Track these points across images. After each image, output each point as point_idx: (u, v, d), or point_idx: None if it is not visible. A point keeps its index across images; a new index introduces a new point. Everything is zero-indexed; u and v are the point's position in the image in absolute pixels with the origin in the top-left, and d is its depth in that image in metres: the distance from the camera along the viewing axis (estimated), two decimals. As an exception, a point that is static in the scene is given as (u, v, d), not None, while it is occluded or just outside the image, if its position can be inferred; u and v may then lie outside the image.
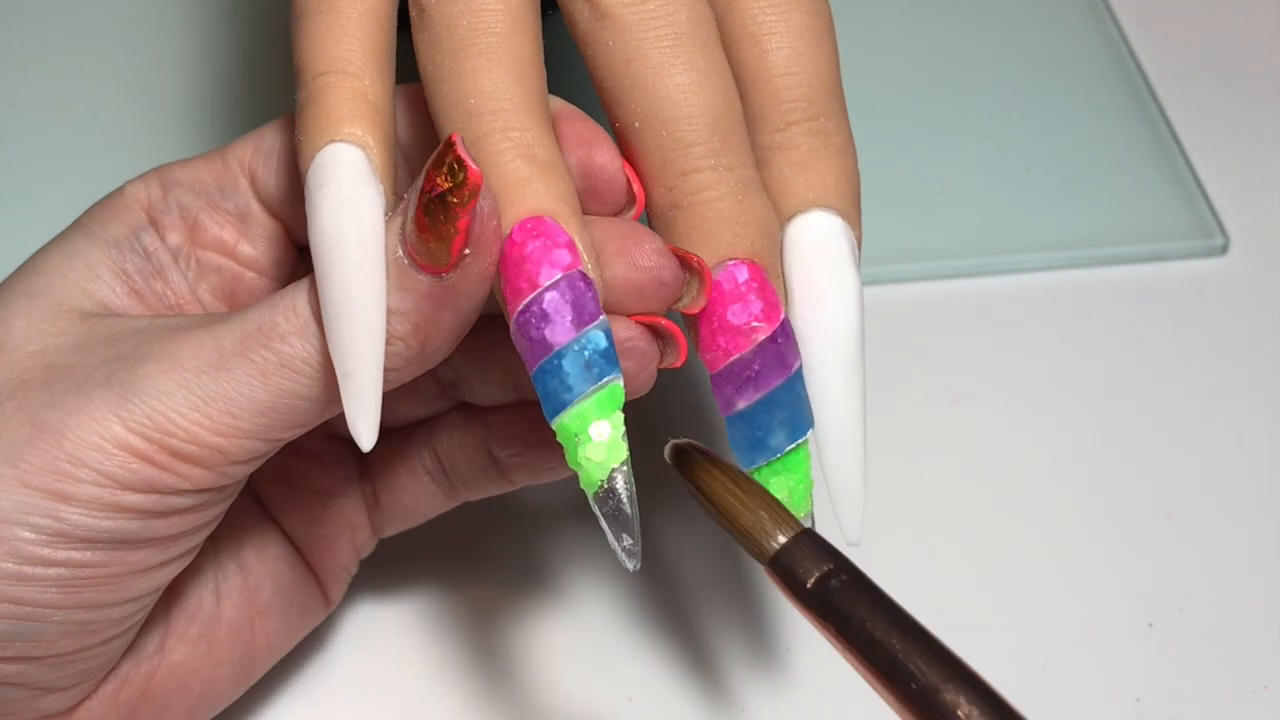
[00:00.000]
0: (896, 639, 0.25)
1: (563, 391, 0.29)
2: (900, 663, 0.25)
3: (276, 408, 0.30)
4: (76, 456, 0.29)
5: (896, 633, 0.26)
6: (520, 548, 0.42)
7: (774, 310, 0.31)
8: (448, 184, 0.28)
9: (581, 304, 0.29)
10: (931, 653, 0.25)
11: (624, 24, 0.31)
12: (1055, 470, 0.45)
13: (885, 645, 0.25)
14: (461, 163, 0.28)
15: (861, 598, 0.26)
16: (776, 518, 0.28)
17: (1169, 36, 0.57)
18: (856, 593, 0.26)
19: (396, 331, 0.30)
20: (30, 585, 0.29)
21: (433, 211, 0.28)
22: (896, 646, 0.25)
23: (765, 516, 0.28)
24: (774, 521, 0.28)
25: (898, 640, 0.25)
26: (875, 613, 0.26)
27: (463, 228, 0.28)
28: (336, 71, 0.30)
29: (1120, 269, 0.50)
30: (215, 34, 0.54)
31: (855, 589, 0.26)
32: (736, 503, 0.29)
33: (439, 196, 0.28)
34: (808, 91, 0.32)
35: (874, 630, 0.26)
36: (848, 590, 0.26)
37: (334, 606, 0.38)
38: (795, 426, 0.32)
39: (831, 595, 0.26)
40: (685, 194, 0.31)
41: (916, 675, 0.25)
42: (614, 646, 0.40)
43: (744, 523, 0.28)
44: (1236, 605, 0.42)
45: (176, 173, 0.35)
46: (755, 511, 0.28)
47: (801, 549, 0.27)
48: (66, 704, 0.32)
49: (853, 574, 0.27)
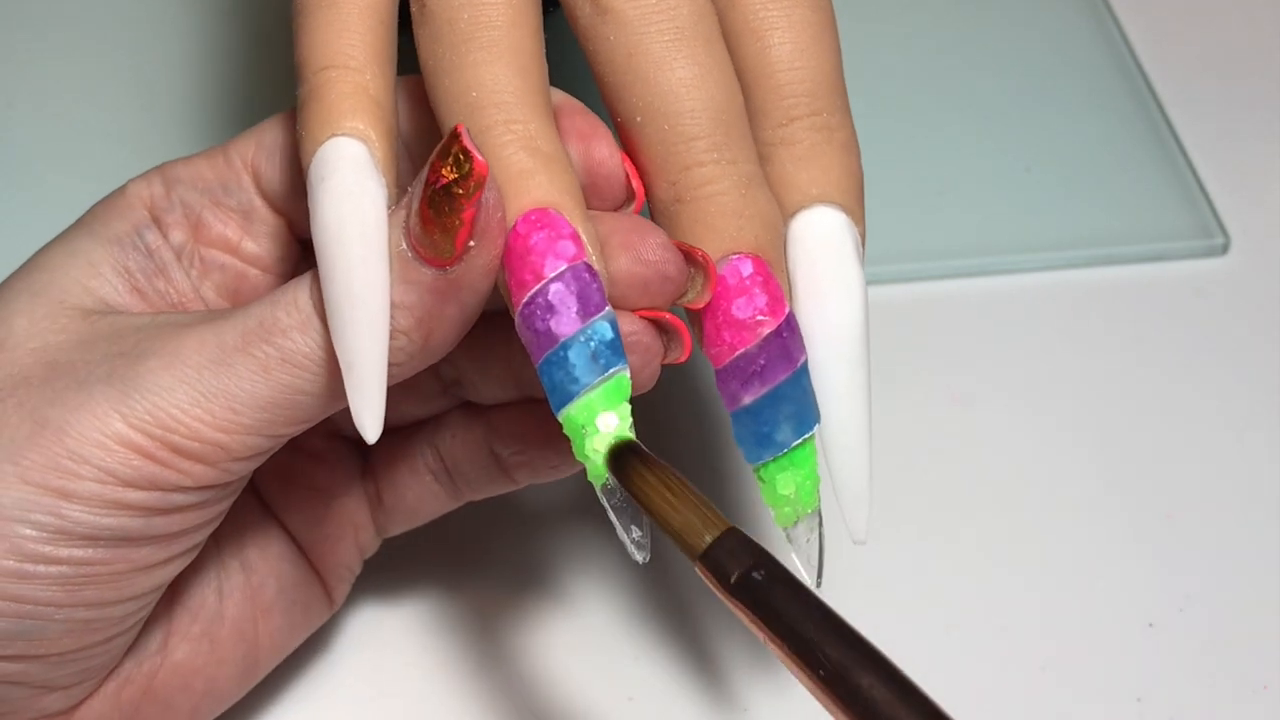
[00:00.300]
0: (811, 627, 0.27)
1: (569, 383, 0.29)
2: (813, 648, 0.27)
3: (278, 403, 0.30)
4: (78, 453, 0.29)
5: (810, 621, 0.27)
6: (522, 548, 0.42)
7: (779, 304, 0.31)
8: (453, 175, 0.28)
9: (587, 295, 0.29)
10: (841, 638, 0.27)
11: (625, 18, 0.31)
12: (1055, 470, 0.45)
13: (801, 633, 0.27)
14: (467, 153, 0.28)
15: (779, 590, 0.28)
16: (705, 518, 0.29)
17: (1169, 36, 0.57)
18: (775, 585, 0.28)
19: (400, 325, 0.29)
20: (32, 583, 0.29)
21: (438, 203, 0.28)
22: (810, 634, 0.27)
23: (694, 518, 0.29)
24: (703, 522, 0.29)
25: (812, 628, 0.27)
26: (792, 603, 0.27)
27: (468, 219, 0.28)
28: (338, 66, 0.30)
29: (1120, 269, 0.50)
30: (215, 33, 0.54)
31: (774, 582, 0.28)
32: (668, 506, 0.29)
33: (444, 188, 0.28)
34: (810, 87, 0.32)
35: (790, 619, 0.27)
36: (768, 583, 0.28)
37: (337, 606, 0.38)
38: (801, 421, 0.32)
39: (754, 588, 0.28)
40: (688, 188, 0.31)
41: (825, 661, 0.26)
42: (615, 647, 0.40)
43: (675, 524, 0.29)
44: (1236, 605, 0.42)
45: (179, 170, 0.35)
46: (684, 513, 0.29)
47: (726, 547, 0.28)
48: (68, 703, 0.32)
49: (773, 569, 0.28)
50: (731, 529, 0.29)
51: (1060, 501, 0.44)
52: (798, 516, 0.32)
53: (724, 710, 0.39)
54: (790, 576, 0.28)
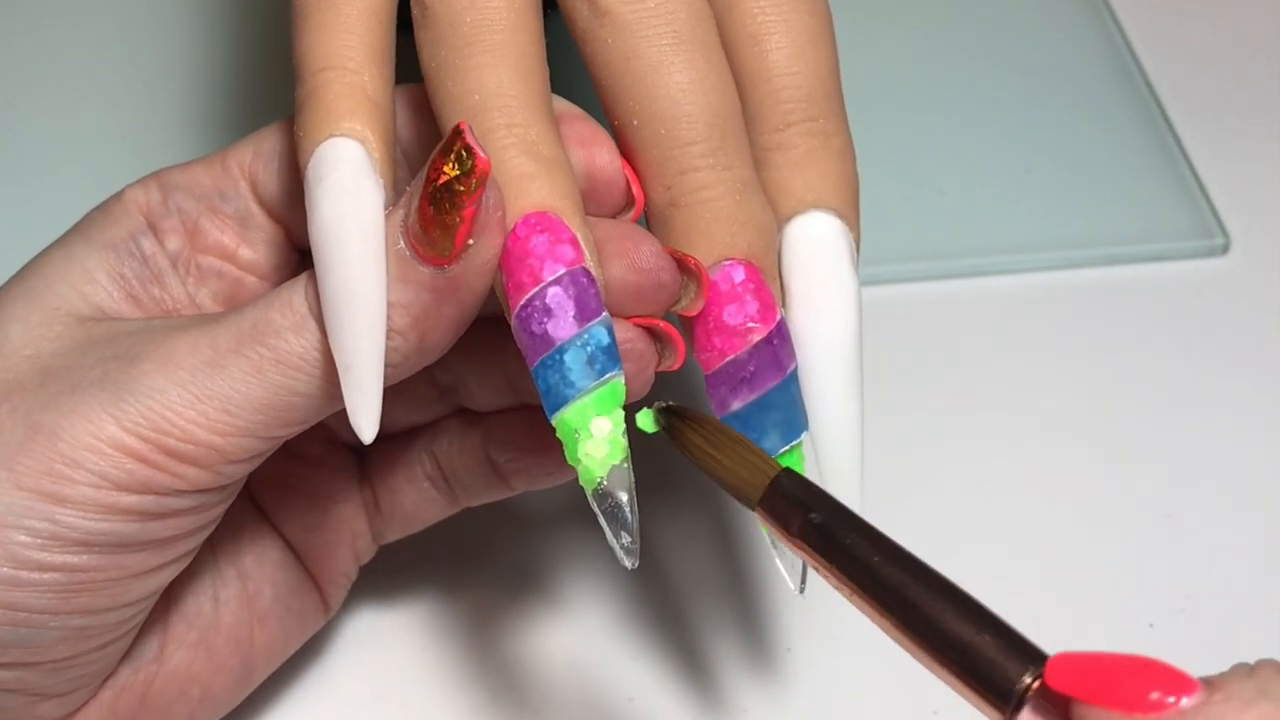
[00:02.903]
0: (877, 561, 0.27)
1: (564, 387, 0.29)
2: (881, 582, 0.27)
3: (273, 404, 0.30)
4: (71, 458, 0.29)
5: (876, 555, 0.27)
6: (520, 552, 0.42)
7: (770, 311, 0.31)
8: (455, 172, 0.28)
9: (585, 299, 0.29)
10: (907, 569, 0.27)
11: (623, 22, 0.31)
12: (1055, 470, 0.45)
13: (868, 568, 0.27)
14: (470, 150, 0.28)
15: (839, 529, 0.28)
16: (755, 467, 0.29)
17: (1169, 37, 0.57)
18: (834, 525, 0.28)
19: (396, 325, 0.29)
20: (26, 590, 0.29)
21: (439, 200, 0.28)
22: (878, 568, 0.27)
23: (744, 470, 0.30)
24: (753, 471, 0.29)
25: (879, 561, 0.27)
26: (854, 539, 0.28)
27: (468, 217, 0.28)
28: (336, 67, 0.30)
29: (1120, 269, 0.50)
30: (216, 34, 0.54)
31: (833, 522, 0.28)
32: (715, 460, 0.30)
33: (445, 185, 0.28)
34: (807, 92, 0.32)
35: (855, 556, 0.27)
36: (827, 524, 0.28)
37: (333, 612, 0.38)
38: (789, 428, 0.32)
39: (814, 531, 0.28)
40: (683, 193, 0.31)
41: (893, 593, 0.27)
42: (614, 648, 0.40)
43: (727, 477, 0.30)
44: (1236, 605, 0.42)
45: (176, 177, 0.35)
46: (735, 466, 0.30)
47: (782, 491, 0.29)
48: (64, 710, 0.32)
49: (830, 509, 0.28)
50: (783, 472, 0.29)
51: (1060, 501, 0.44)
52: None
53: (723, 710, 0.39)
54: (849, 513, 0.28)
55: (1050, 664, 0.25)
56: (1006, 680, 0.25)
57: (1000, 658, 0.25)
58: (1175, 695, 0.24)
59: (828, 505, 0.28)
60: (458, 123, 0.28)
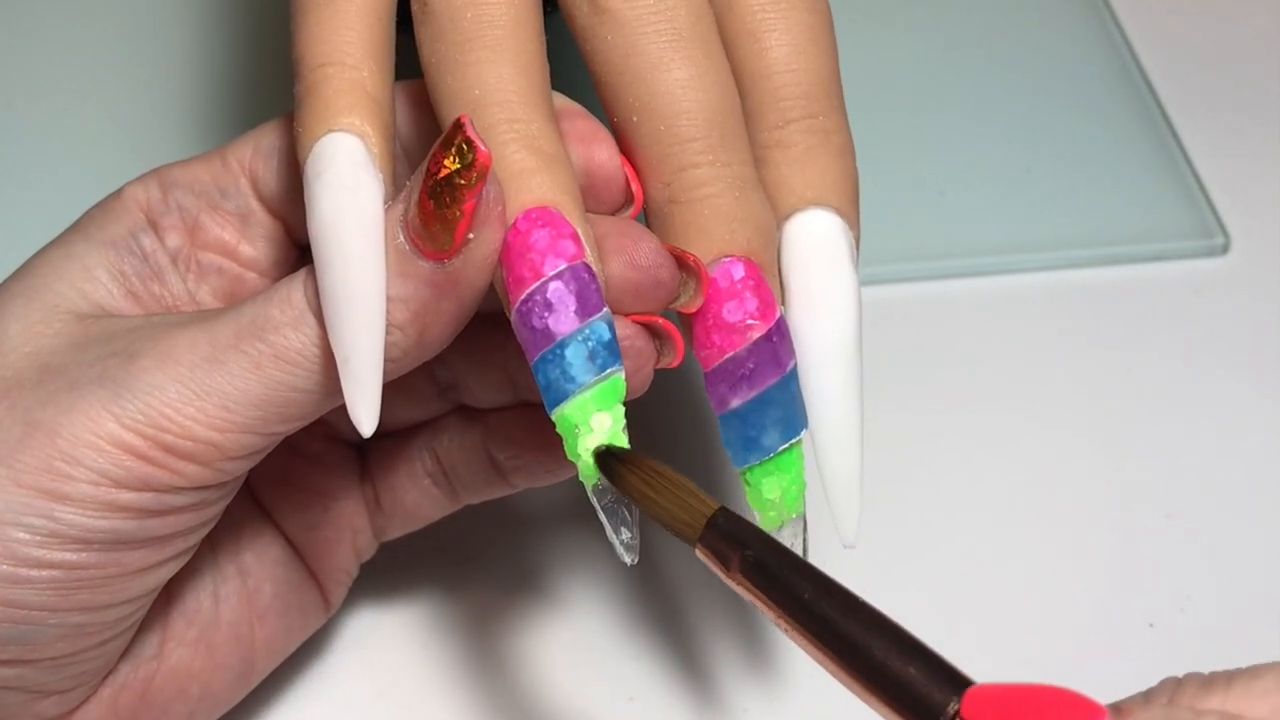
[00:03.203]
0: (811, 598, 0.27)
1: (565, 382, 0.29)
2: (818, 620, 0.27)
3: (272, 400, 0.30)
4: (70, 454, 0.29)
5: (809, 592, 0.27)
6: (520, 550, 0.42)
7: (769, 308, 0.31)
8: (455, 165, 0.28)
9: (586, 294, 0.29)
10: (844, 605, 0.27)
11: (623, 19, 0.31)
12: (1055, 470, 0.45)
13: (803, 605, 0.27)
14: (471, 144, 0.28)
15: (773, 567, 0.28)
16: (692, 507, 0.29)
17: (1169, 36, 0.57)
18: (768, 563, 0.28)
19: (395, 319, 0.29)
20: (25, 587, 0.29)
21: (439, 194, 0.28)
22: (813, 605, 0.27)
23: (681, 510, 0.29)
24: (690, 512, 0.29)
25: (812, 598, 0.27)
26: (790, 577, 0.28)
27: (468, 210, 0.28)
28: (335, 63, 0.30)
29: (1120, 269, 0.50)
30: (215, 33, 0.54)
31: (767, 559, 0.28)
32: (654, 501, 0.30)
33: (446, 178, 0.28)
34: (807, 89, 0.32)
35: (791, 593, 0.27)
36: (761, 561, 0.28)
37: (334, 610, 0.38)
38: (789, 426, 0.32)
39: (751, 568, 0.28)
40: (682, 190, 0.31)
41: (831, 630, 0.27)
42: (614, 647, 0.40)
43: (665, 517, 0.30)
44: (1236, 605, 0.42)
45: (176, 174, 0.34)
46: (673, 506, 0.29)
47: (720, 530, 0.29)
48: (64, 707, 0.32)
49: (764, 545, 0.28)
50: (719, 510, 0.29)
51: (1060, 501, 0.44)
52: (783, 521, 0.32)
53: (724, 710, 0.39)
54: (783, 550, 0.28)
55: (966, 696, 0.25)
56: (933, 708, 0.25)
57: (927, 687, 0.25)
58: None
59: (762, 542, 0.28)
60: (459, 116, 0.28)
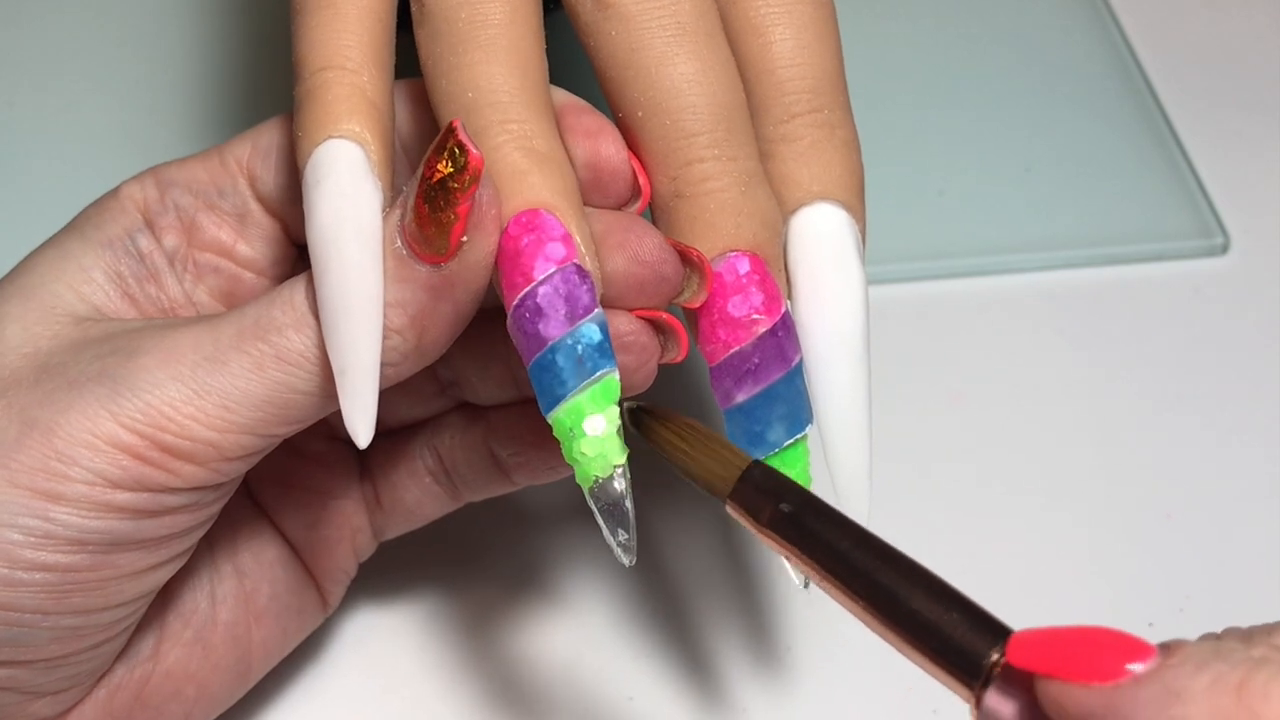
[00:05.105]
0: (848, 548, 0.27)
1: (557, 386, 0.29)
2: (853, 570, 0.27)
3: (272, 401, 0.30)
4: (66, 454, 0.29)
5: (846, 543, 0.27)
6: (520, 549, 0.42)
7: (775, 303, 0.31)
8: (448, 169, 0.28)
9: (575, 298, 0.29)
10: (880, 556, 0.27)
11: (627, 14, 0.31)
12: (1055, 470, 0.45)
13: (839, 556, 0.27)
14: (463, 147, 0.28)
15: (809, 519, 0.28)
16: (725, 460, 0.30)
17: (1169, 36, 0.57)
18: (804, 515, 0.28)
19: (394, 324, 0.29)
20: (19, 590, 0.29)
21: (433, 198, 0.28)
22: (849, 556, 0.27)
23: (715, 463, 0.30)
24: (724, 464, 0.30)
25: (849, 549, 0.27)
26: (825, 528, 0.28)
27: (462, 213, 0.28)
28: (335, 67, 0.30)
29: (1120, 269, 0.50)
30: (216, 33, 0.54)
31: (803, 512, 0.28)
32: (687, 455, 0.30)
33: (439, 182, 0.28)
34: (812, 83, 0.32)
35: (826, 544, 0.27)
36: (797, 514, 0.28)
37: (332, 610, 0.38)
38: (794, 421, 0.32)
39: (784, 521, 0.28)
40: (688, 184, 0.31)
41: (866, 580, 0.27)
42: (614, 647, 0.40)
43: (697, 471, 0.30)
44: (1236, 605, 0.42)
45: (173, 173, 0.34)
46: (705, 460, 0.30)
47: (753, 482, 0.29)
48: (59, 708, 0.32)
49: (800, 499, 0.28)
50: (754, 464, 0.29)
51: (1060, 501, 0.44)
52: None
53: (724, 710, 0.39)
54: (820, 502, 0.28)
55: (1012, 641, 0.25)
56: (974, 657, 0.25)
57: (968, 636, 0.26)
58: (1130, 662, 0.24)
59: (798, 495, 0.28)
60: (451, 120, 0.28)
